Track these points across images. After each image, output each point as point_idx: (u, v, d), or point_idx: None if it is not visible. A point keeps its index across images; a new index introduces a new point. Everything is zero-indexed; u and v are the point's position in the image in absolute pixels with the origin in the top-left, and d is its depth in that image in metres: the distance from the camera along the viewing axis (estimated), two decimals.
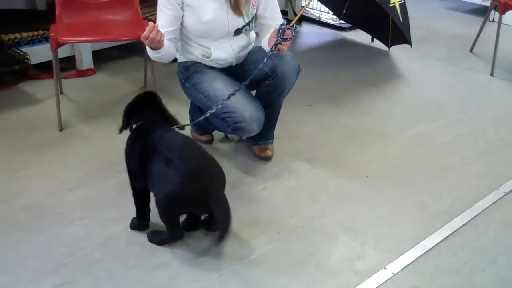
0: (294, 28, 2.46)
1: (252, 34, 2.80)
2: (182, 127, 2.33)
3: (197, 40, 2.63)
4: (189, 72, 2.70)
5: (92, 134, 3.06)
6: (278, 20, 2.68)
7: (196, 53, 2.67)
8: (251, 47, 2.80)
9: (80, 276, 2.07)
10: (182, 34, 2.66)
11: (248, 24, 2.66)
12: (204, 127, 2.96)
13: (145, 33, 2.35)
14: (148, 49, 2.52)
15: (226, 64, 2.73)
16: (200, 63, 2.70)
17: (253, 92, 2.75)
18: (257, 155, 2.90)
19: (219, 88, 2.58)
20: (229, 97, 2.47)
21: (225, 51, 2.66)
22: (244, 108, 2.53)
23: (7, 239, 2.25)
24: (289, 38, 2.46)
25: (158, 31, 2.38)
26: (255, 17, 2.70)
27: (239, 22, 2.62)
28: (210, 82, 2.62)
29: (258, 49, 2.75)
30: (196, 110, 2.95)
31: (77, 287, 2.02)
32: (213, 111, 2.47)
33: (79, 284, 2.03)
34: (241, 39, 2.71)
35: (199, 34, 2.57)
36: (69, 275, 2.07)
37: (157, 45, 2.43)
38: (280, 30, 2.45)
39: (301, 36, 5.05)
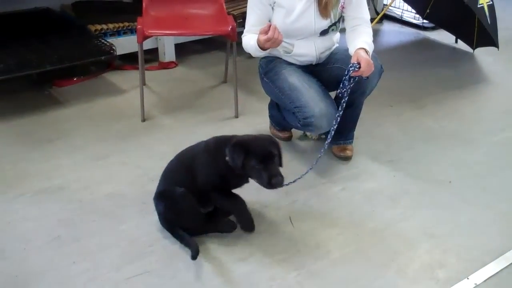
0: (355, 66, 2.46)
1: (337, 35, 2.77)
2: None
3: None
4: (269, 67, 2.73)
5: (173, 126, 3.11)
6: (364, 20, 2.65)
7: (278, 48, 2.67)
8: (334, 48, 2.78)
9: (160, 266, 2.11)
10: None
11: (334, 24, 2.65)
12: (282, 123, 2.96)
13: (269, 35, 2.41)
14: (251, 48, 2.59)
15: (306, 62, 2.73)
16: (281, 59, 2.70)
17: (333, 93, 2.74)
18: (336, 155, 2.87)
19: (293, 83, 2.60)
20: (300, 91, 2.51)
21: (307, 49, 2.66)
22: (315, 103, 2.51)
23: (90, 226, 2.32)
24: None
25: (279, 32, 2.44)
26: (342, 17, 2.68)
27: (326, 23, 2.61)
28: (287, 77, 2.63)
29: (342, 49, 2.72)
30: (274, 106, 2.95)
31: (156, 277, 2.06)
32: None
33: (159, 274, 2.07)
34: (326, 40, 2.69)
35: (286, 33, 2.57)
36: (149, 265, 2.11)
37: (275, 45, 2.49)
38: (347, 76, 2.49)
39: (382, 35, 4.97)
